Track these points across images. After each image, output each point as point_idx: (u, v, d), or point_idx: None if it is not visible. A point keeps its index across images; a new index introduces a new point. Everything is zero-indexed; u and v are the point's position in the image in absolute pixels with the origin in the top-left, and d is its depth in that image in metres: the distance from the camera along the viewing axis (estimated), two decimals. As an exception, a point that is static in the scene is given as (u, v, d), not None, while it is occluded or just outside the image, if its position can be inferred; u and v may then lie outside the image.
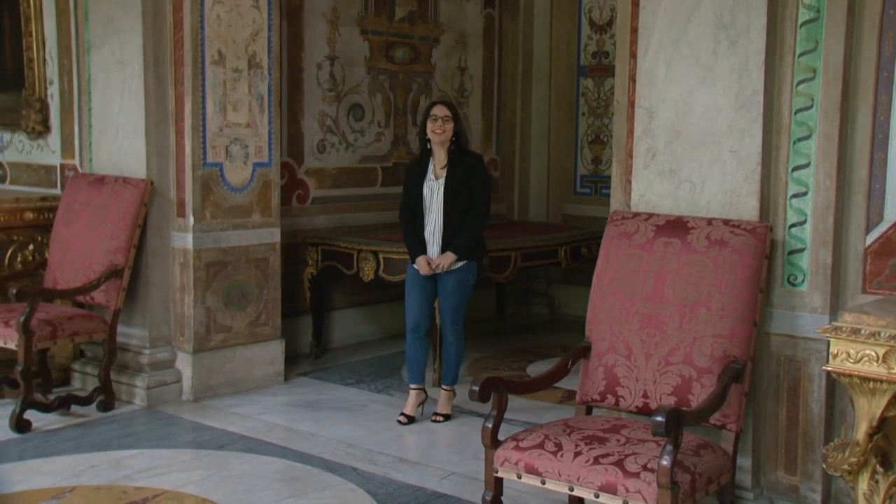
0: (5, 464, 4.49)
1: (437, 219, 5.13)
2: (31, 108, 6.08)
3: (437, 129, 5.07)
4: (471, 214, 5.12)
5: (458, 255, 5.10)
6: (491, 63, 8.15)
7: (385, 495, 4.18)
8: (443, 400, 5.31)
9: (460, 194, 5.10)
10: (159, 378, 5.52)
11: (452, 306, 5.23)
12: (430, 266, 5.11)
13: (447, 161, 5.11)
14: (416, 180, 5.20)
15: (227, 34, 5.56)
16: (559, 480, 3.14)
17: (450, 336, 5.30)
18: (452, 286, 5.18)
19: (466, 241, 5.13)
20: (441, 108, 5.14)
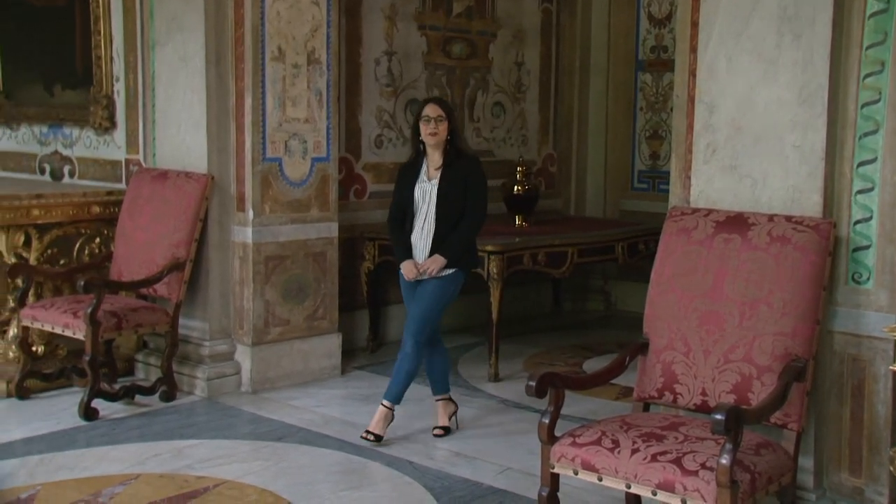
0: (75, 450, 4.60)
1: (428, 222, 4.76)
2: (98, 104, 6.22)
3: (431, 130, 4.70)
4: (465, 219, 4.75)
5: (447, 260, 4.71)
6: (548, 58, 8.12)
7: (441, 489, 4.20)
8: (438, 411, 4.99)
9: (454, 197, 4.73)
10: (219, 370, 5.61)
11: (421, 313, 4.73)
12: (417, 270, 4.74)
13: (442, 162, 4.77)
14: (408, 182, 4.83)
15: (287, 30, 5.62)
16: (616, 477, 3.13)
17: (408, 347, 4.76)
18: (430, 290, 4.74)
19: (457, 246, 4.73)
20: (434, 108, 4.76)
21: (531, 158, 7.91)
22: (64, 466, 4.37)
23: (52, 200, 5.61)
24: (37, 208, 5.53)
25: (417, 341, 4.75)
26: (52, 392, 5.51)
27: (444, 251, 4.72)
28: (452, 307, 7.20)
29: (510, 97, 7.84)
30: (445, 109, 4.79)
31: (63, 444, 4.69)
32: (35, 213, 5.52)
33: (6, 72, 6.97)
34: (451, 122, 4.77)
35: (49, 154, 6.78)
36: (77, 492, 4.06)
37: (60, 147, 6.70)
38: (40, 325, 5.34)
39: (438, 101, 4.91)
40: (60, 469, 4.33)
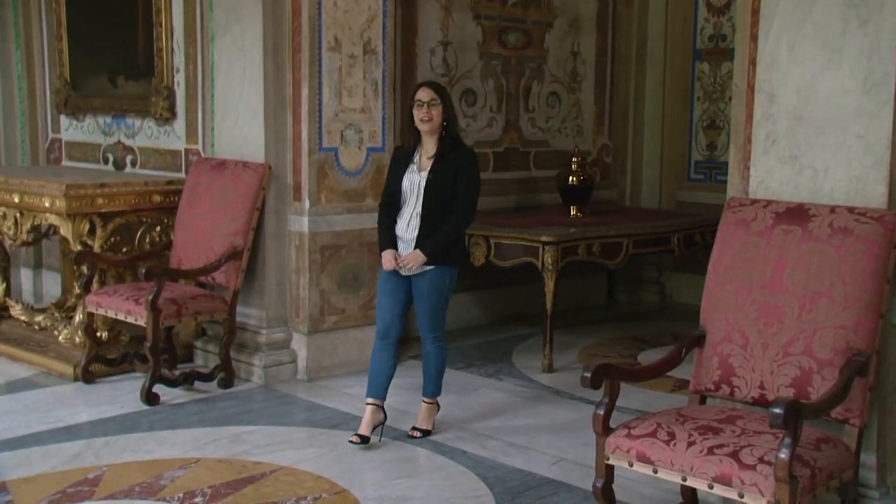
0: (138, 433, 4.72)
1: (415, 215, 4.53)
2: (159, 95, 6.33)
3: (424, 115, 4.46)
4: (451, 215, 4.51)
5: (427, 258, 4.50)
6: (604, 47, 8.05)
7: (494, 479, 4.21)
8: (423, 414, 4.81)
9: (443, 191, 4.50)
10: (275, 357, 5.68)
11: (429, 310, 4.62)
12: (396, 262, 4.53)
13: (435, 151, 4.54)
14: (400, 170, 4.62)
15: (344, 21, 5.65)
16: (672, 470, 3.11)
17: (429, 345, 4.69)
18: (428, 288, 4.57)
19: (440, 244, 4.50)
20: (427, 91, 4.52)
21: (586, 149, 7.86)
22: (128, 449, 4.47)
23: (115, 189, 5.73)
24: (101, 197, 5.65)
25: (436, 336, 4.68)
26: (115, 377, 5.65)
27: (426, 247, 4.49)
28: (508, 296, 7.30)
29: (565, 87, 7.79)
30: (440, 93, 4.54)
31: (127, 427, 4.80)
32: (99, 202, 5.64)
33: (73, 64, 7.13)
34: (446, 107, 4.52)
35: (112, 144, 6.93)
36: (140, 474, 4.16)
37: (123, 137, 6.84)
38: (104, 311, 5.46)
39: (432, 84, 4.67)
40: (124, 451, 4.44)
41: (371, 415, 4.60)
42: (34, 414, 4.98)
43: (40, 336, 6.12)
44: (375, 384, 4.64)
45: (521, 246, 6.07)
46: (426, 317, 4.64)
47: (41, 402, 5.21)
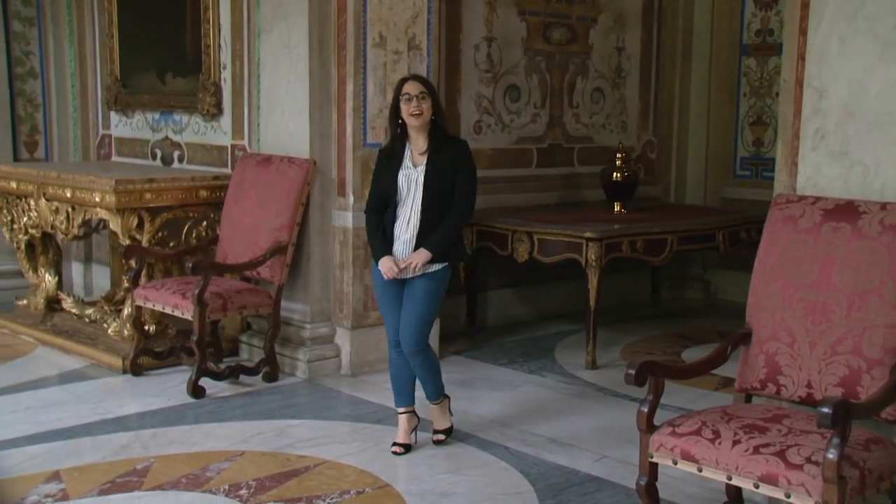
0: (185, 425, 4.79)
1: (414, 212, 4.32)
2: (206, 91, 6.41)
3: (414, 109, 4.25)
4: (453, 210, 4.33)
5: (433, 255, 4.27)
6: (649, 43, 7.99)
7: (537, 475, 4.21)
8: (436, 415, 4.60)
9: (443, 186, 4.31)
10: (319, 352, 5.72)
11: (417, 317, 4.32)
12: (398, 268, 4.28)
13: (428, 146, 4.34)
14: (390, 169, 4.37)
15: (389, 17, 5.67)
16: (717, 468, 3.09)
17: (413, 358, 4.40)
18: (422, 292, 4.31)
19: (445, 239, 4.30)
20: (415, 85, 4.30)
21: (630, 145, 7.81)
22: (174, 441, 4.54)
23: (163, 185, 5.80)
24: (149, 192, 5.73)
25: (420, 349, 4.37)
26: (162, 370, 5.73)
27: (431, 245, 4.27)
28: (551, 292, 7.29)
29: (610, 83, 7.75)
30: (428, 86, 4.35)
31: (173, 419, 4.87)
32: (147, 197, 5.72)
33: (124, 62, 7.25)
34: (434, 100, 4.34)
35: (160, 140, 7.03)
36: (187, 465, 4.22)
37: (171, 133, 6.94)
38: (152, 304, 5.54)
39: (419, 77, 4.48)
40: (171, 443, 4.51)
41: (406, 422, 4.52)
42: (85, 405, 5.08)
43: (90, 329, 6.24)
44: (402, 392, 4.52)
45: (564, 242, 6.05)
46: (413, 326, 4.32)
47: (91, 393, 5.31)
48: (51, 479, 4.06)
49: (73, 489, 3.95)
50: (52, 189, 6.07)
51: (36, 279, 6.78)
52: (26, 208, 6.41)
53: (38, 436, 4.59)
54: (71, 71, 7.87)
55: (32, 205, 6.32)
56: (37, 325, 6.49)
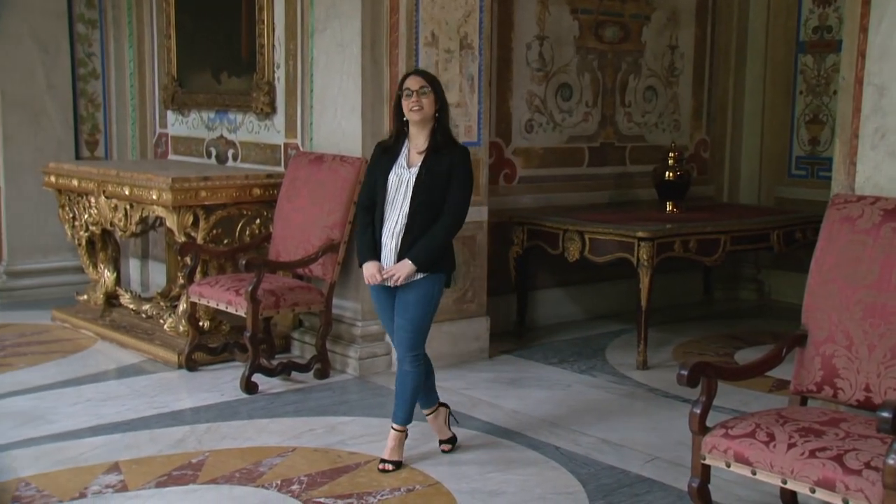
0: (238, 420, 4.85)
1: (401, 217, 4.08)
2: (260, 90, 6.49)
3: (414, 104, 4.04)
4: (442, 219, 4.07)
5: (417, 266, 4.05)
6: (703, 40, 7.91)
7: (587, 476, 4.20)
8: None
9: (435, 189, 4.05)
10: (370, 350, 5.76)
11: (412, 325, 4.13)
12: (380, 276, 4.09)
13: (427, 146, 4.11)
14: (384, 166, 4.16)
15: (441, 16, 5.69)
16: (771, 472, 3.05)
17: (406, 364, 4.18)
18: (414, 299, 4.11)
19: (431, 251, 4.05)
20: (416, 80, 4.11)
21: (683, 144, 7.74)
22: (228, 436, 4.61)
23: (217, 183, 5.88)
24: (204, 190, 5.81)
25: (416, 355, 4.19)
26: (216, 365, 5.81)
27: (415, 256, 4.04)
28: (602, 292, 7.25)
29: (663, 81, 7.68)
30: (430, 81, 4.14)
31: (227, 414, 4.94)
32: (202, 195, 5.80)
33: (181, 62, 7.38)
34: (437, 97, 4.11)
35: (215, 138, 7.14)
36: (240, 460, 4.28)
37: (225, 132, 7.03)
38: (206, 301, 5.62)
39: (422, 72, 4.29)
40: (225, 438, 4.58)
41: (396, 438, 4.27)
42: (142, 399, 5.17)
43: (147, 324, 6.36)
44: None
45: (615, 241, 6.02)
46: (408, 332, 4.14)
47: (148, 387, 5.41)
48: (111, 470, 4.15)
49: (131, 481, 4.03)
50: (111, 187, 6.19)
51: (96, 275, 6.93)
52: (87, 206, 6.55)
53: (99, 427, 4.69)
54: (130, 71, 8.03)
55: (93, 202, 6.45)
56: (96, 319, 6.63)
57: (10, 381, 5.46)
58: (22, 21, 7.52)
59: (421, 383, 4.27)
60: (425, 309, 4.16)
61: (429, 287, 4.14)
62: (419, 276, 4.09)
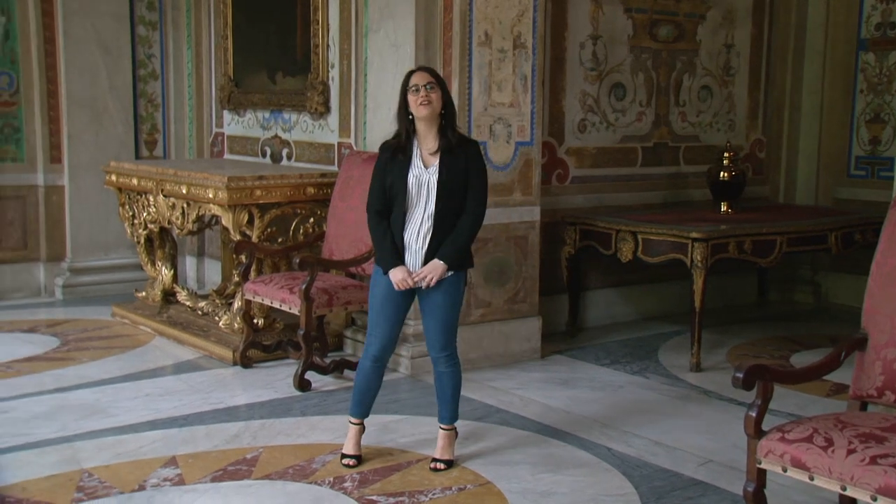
0: (291, 417, 4.91)
1: (427, 218, 4.06)
2: (314, 90, 6.56)
3: (422, 99, 3.98)
4: (467, 216, 4.08)
5: (449, 266, 4.06)
6: (759, 39, 7.80)
7: (640, 478, 4.17)
8: (444, 443, 4.28)
9: (458, 189, 4.05)
10: (422, 349, 5.75)
11: (445, 326, 4.14)
12: (412, 280, 4.08)
13: (439, 145, 4.06)
14: (398, 168, 4.08)
15: (494, 15, 5.69)
16: (829, 478, 3.00)
17: (443, 365, 4.21)
18: (443, 301, 4.10)
19: (460, 248, 4.07)
20: (422, 75, 4.06)
21: (738, 143, 7.65)
22: (282, 432, 4.66)
23: (272, 182, 5.95)
24: (259, 189, 5.88)
25: (450, 354, 4.20)
26: (270, 362, 5.89)
27: (446, 256, 4.04)
28: (654, 293, 7.19)
29: (718, 80, 7.60)
30: (436, 77, 4.08)
31: (280, 411, 5.00)
32: (257, 194, 5.87)
33: (237, 62, 7.49)
34: (443, 93, 4.08)
35: (270, 138, 7.22)
36: (293, 457, 4.33)
37: (280, 131, 7.12)
38: (260, 299, 5.70)
39: (427, 68, 4.24)
40: (279, 435, 4.63)
41: (358, 434, 4.31)
42: (198, 395, 5.26)
43: (203, 321, 6.46)
44: (365, 402, 4.32)
45: (669, 242, 5.97)
46: (440, 333, 4.14)
47: (204, 383, 5.50)
48: (168, 464, 4.23)
49: (188, 475, 4.11)
50: (169, 186, 6.30)
51: (154, 272, 7.05)
52: (146, 204, 6.67)
53: (157, 422, 4.78)
54: (188, 72, 8.17)
55: (151, 201, 6.57)
56: (154, 316, 6.76)
57: (73, 375, 5.60)
58: (86, 24, 7.70)
59: (460, 380, 4.30)
60: (455, 308, 4.17)
61: (456, 286, 4.15)
62: (446, 275, 4.09)
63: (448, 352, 4.19)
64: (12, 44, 7.63)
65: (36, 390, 5.29)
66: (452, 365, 4.23)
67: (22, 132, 7.76)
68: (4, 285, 7.77)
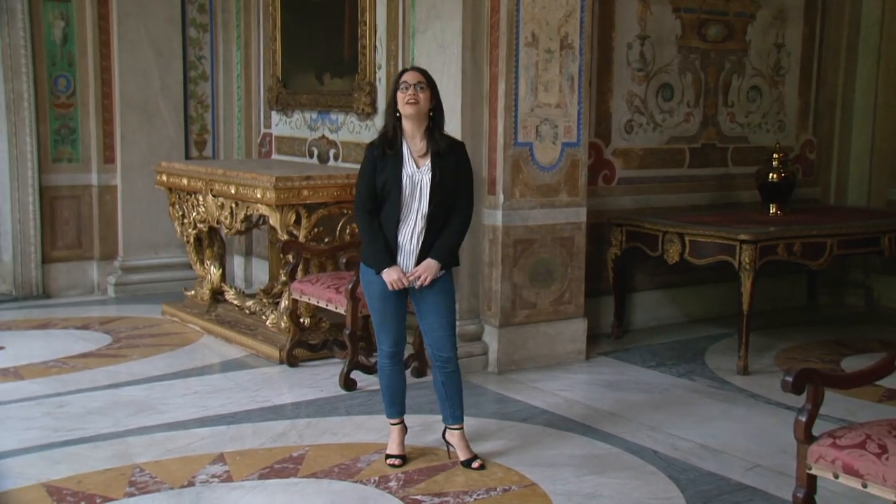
0: (337, 417, 4.95)
1: (420, 219, 4.09)
2: (361, 91, 6.60)
3: (410, 98, 4.01)
4: (456, 215, 4.15)
5: (443, 265, 4.13)
6: (811, 38, 7.69)
7: (686, 481, 4.14)
8: (465, 442, 4.33)
9: (449, 189, 4.10)
10: (467, 349, 5.78)
11: (450, 324, 4.22)
12: (406, 280, 4.11)
13: (428, 146, 4.09)
14: (391, 167, 4.08)
15: (541, 16, 5.68)
16: (884, 486, 2.95)
17: (452, 364, 4.26)
18: (442, 300, 4.18)
19: (452, 247, 4.15)
20: (414, 74, 4.10)
21: (788, 144, 7.55)
22: (327, 431, 4.70)
23: (319, 182, 5.99)
24: (306, 189, 5.92)
25: (454, 357, 4.27)
26: (316, 361, 5.93)
27: (439, 255, 4.10)
28: (701, 295, 7.12)
29: (767, 80, 7.50)
30: (428, 79, 4.11)
31: (326, 410, 5.05)
32: (305, 194, 5.92)
33: (285, 63, 7.56)
34: (433, 94, 4.11)
35: (317, 138, 7.29)
36: (339, 456, 4.37)
37: (327, 132, 7.17)
38: (307, 298, 5.75)
39: (419, 69, 4.26)
40: (324, 433, 4.67)
41: (400, 433, 4.36)
42: (245, 393, 5.33)
43: (250, 320, 6.53)
44: (397, 402, 4.36)
45: (717, 244, 5.92)
46: (447, 332, 4.22)
47: (251, 382, 5.56)
48: (216, 461, 4.29)
49: (235, 472, 4.16)
50: (218, 186, 6.38)
51: (202, 271, 7.15)
52: (195, 204, 6.76)
53: (205, 419, 4.86)
54: (237, 73, 8.27)
55: (201, 200, 6.66)
56: (202, 314, 6.86)
57: (125, 372, 5.71)
58: (139, 27, 7.84)
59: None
60: (452, 309, 4.26)
61: (450, 284, 4.24)
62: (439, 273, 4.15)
63: (455, 351, 4.27)
64: (70, 47, 7.80)
65: (89, 386, 5.40)
66: (457, 363, 4.30)
67: (77, 133, 7.92)
68: (60, 283, 7.94)
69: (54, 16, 7.71)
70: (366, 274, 4.23)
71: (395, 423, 4.37)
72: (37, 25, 7.64)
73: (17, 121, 7.62)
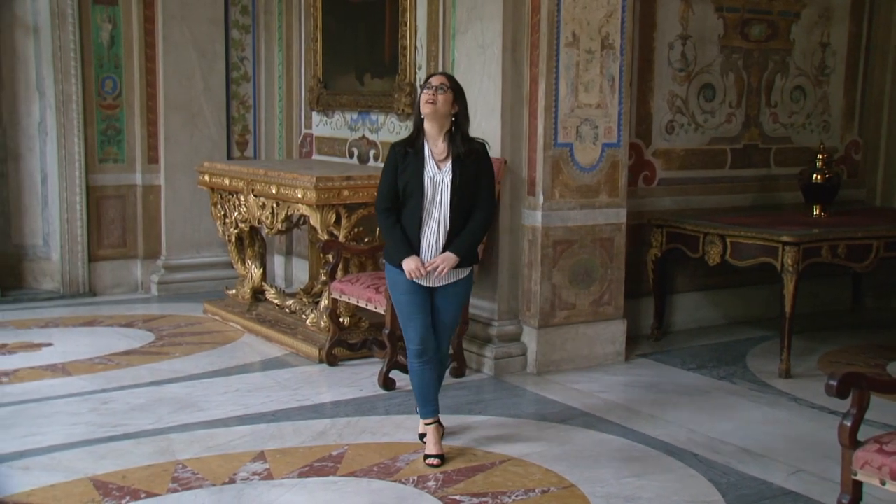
0: (376, 416, 4.97)
1: (442, 220, 4.19)
2: (402, 91, 6.62)
3: (429, 98, 4.11)
4: (478, 213, 4.24)
5: (460, 258, 4.20)
6: (857, 37, 7.58)
7: (727, 485, 4.10)
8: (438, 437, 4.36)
9: (470, 189, 4.20)
10: (506, 350, 5.79)
11: (452, 323, 4.43)
12: (425, 269, 4.17)
13: (449, 147, 4.19)
14: (413, 167, 4.18)
15: (582, 16, 5.66)
16: (929, 492, 2.92)
17: (447, 359, 4.56)
18: (457, 300, 4.35)
19: (472, 244, 4.25)
20: (439, 78, 4.21)
21: (833, 145, 7.45)
22: (367, 430, 4.73)
23: (359, 182, 6.02)
24: (346, 189, 5.96)
25: (444, 349, 4.46)
26: (355, 361, 5.96)
27: (458, 249, 4.19)
28: (743, 297, 7.05)
29: (812, 80, 7.41)
30: (453, 83, 4.21)
31: (365, 409, 5.07)
32: (345, 194, 5.95)
33: (326, 64, 7.62)
34: (457, 99, 4.20)
35: (357, 139, 7.32)
36: (378, 455, 4.39)
37: (367, 132, 7.21)
38: (347, 298, 5.78)
39: (447, 75, 4.36)
40: (364, 432, 4.70)
41: (436, 432, 4.36)
42: (285, 391, 5.37)
43: (290, 319, 6.58)
44: (430, 401, 4.38)
45: (759, 245, 5.85)
46: (449, 328, 4.43)
47: (291, 380, 5.60)
48: (257, 458, 4.33)
49: (276, 469, 4.20)
50: (259, 186, 6.44)
51: (243, 270, 7.22)
52: (237, 203, 6.83)
53: (246, 417, 4.91)
54: (279, 74, 8.34)
55: (242, 200, 6.73)
56: (243, 313, 6.92)
57: (167, 369, 5.78)
58: (184, 29, 7.94)
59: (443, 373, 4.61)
60: (462, 307, 4.53)
61: (467, 287, 4.42)
62: (463, 273, 4.29)
63: (447, 350, 4.53)
64: (117, 49, 7.92)
65: (133, 383, 5.48)
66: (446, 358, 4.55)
67: (123, 134, 8.04)
68: (105, 281, 8.06)
69: (102, 19, 7.84)
70: (390, 272, 4.33)
71: (431, 423, 4.38)
72: (86, 28, 7.77)
73: (66, 122, 7.75)
